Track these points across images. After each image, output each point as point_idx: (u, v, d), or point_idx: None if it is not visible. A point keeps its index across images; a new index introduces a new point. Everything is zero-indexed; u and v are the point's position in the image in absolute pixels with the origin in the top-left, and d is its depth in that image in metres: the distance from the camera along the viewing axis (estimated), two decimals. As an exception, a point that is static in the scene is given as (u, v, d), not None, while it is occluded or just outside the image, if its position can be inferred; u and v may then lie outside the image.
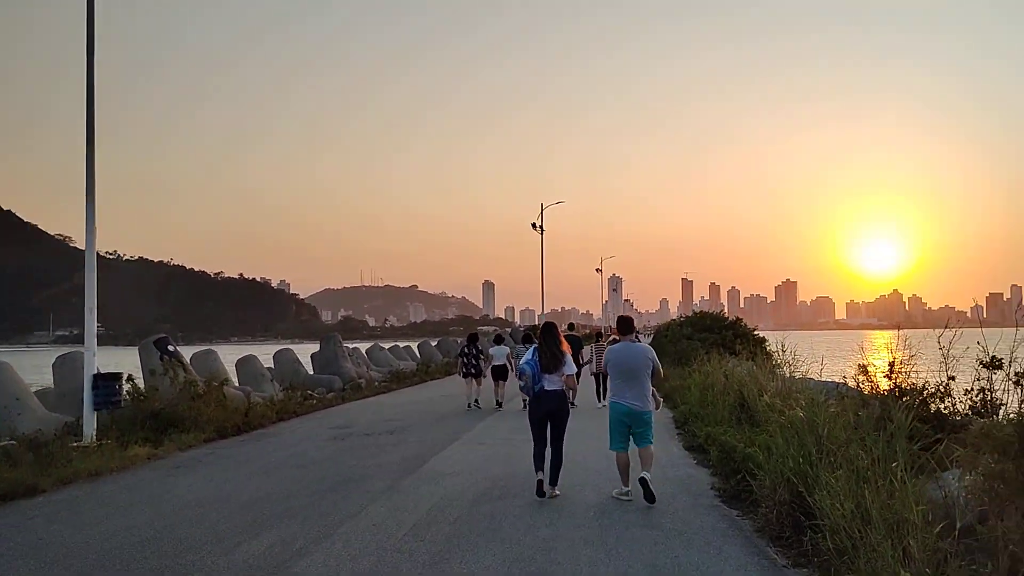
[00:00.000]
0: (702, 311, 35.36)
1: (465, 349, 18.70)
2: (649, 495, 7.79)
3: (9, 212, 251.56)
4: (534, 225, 59.35)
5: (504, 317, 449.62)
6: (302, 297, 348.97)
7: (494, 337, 22.65)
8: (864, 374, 10.02)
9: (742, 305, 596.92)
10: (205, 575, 5.86)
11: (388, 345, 40.85)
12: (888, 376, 9.61)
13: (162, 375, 14.88)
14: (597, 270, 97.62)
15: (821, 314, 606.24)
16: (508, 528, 7.01)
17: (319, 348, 28.81)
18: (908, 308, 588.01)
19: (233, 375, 21.51)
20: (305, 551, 6.38)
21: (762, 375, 13.54)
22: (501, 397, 18.11)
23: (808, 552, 5.87)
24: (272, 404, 17.29)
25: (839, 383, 13.30)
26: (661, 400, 8.96)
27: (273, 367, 25.35)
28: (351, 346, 33.15)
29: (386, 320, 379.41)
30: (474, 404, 17.87)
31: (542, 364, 8.36)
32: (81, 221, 12.58)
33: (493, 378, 18.23)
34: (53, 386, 15.45)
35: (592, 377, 18.00)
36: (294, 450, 12.12)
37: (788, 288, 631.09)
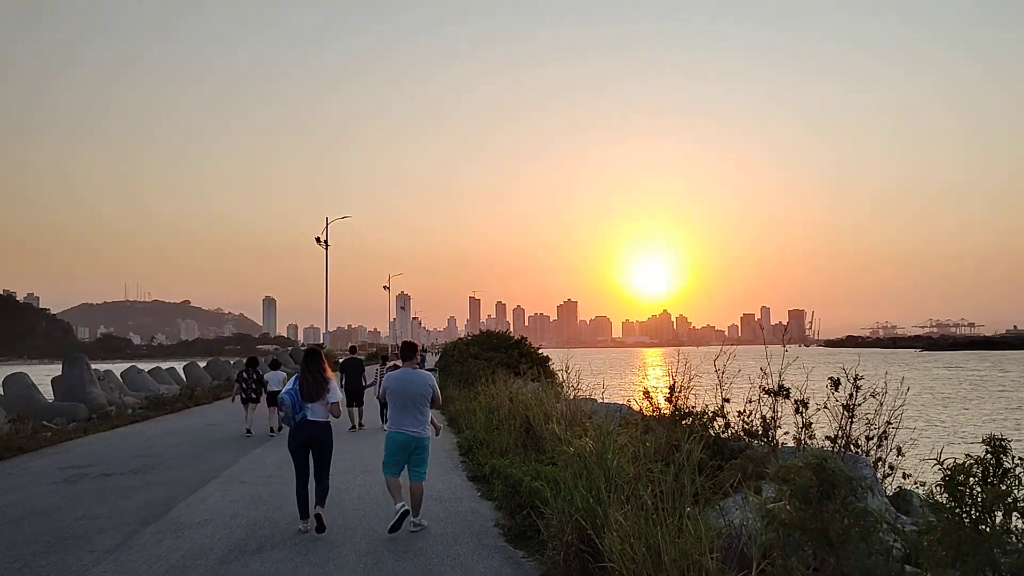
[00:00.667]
0: (489, 330, 35.45)
1: (243, 373, 17.94)
2: (398, 526, 7.51)
3: None
4: (319, 239, 57.15)
5: (286, 335, 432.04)
6: (54, 313, 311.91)
7: (270, 362, 21.11)
8: (647, 397, 10.00)
9: (527, 323, 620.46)
10: None
11: (150, 367, 36.97)
12: (669, 399, 9.64)
13: None
14: (385, 287, 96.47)
15: (600, 332, 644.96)
16: (260, 593, 5.90)
17: (61, 371, 25.21)
18: (676, 327, 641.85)
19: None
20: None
21: (547, 398, 13.32)
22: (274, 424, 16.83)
23: (598, 601, 5.37)
24: (-9, 439, 14.55)
25: (622, 405, 13.43)
26: (440, 427, 8.61)
27: (1, 394, 21.75)
28: (103, 368, 29.53)
29: (154, 338, 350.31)
30: (247, 432, 16.88)
31: (304, 392, 7.90)
32: None
33: (268, 404, 17.59)
34: None
35: (377, 400, 17.07)
36: (10, 498, 10.02)
37: (570, 307, 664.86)
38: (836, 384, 6.25)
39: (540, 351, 31.19)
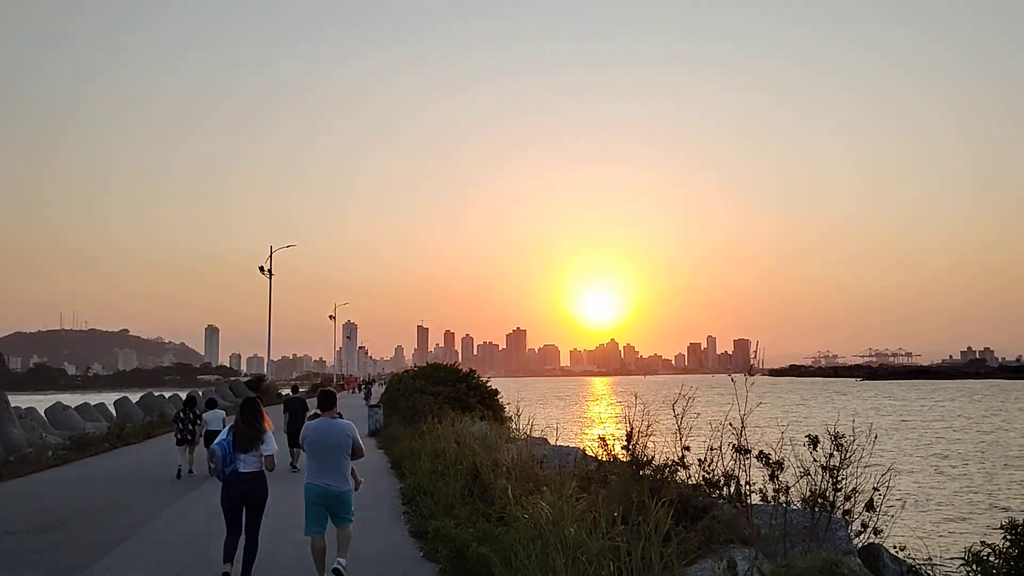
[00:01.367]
0: (436, 362, 34.64)
1: (181, 413, 17.51)
2: None
3: None
4: (262, 268, 55.77)
5: (229, 365, 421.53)
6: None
7: (207, 401, 19.99)
8: (603, 445, 9.42)
9: (475, 352, 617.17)
10: None
11: (82, 399, 34.98)
12: (626, 447, 9.07)
13: None
14: (331, 316, 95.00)
15: (548, 361, 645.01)
16: None
17: (-24, 409, 23.47)
18: (624, 356, 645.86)
19: None
20: None
21: (496, 440, 12.65)
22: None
23: None
24: None
25: (577, 448, 12.82)
26: (361, 481, 8.03)
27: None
28: (36, 399, 27.78)
29: (89, 368, 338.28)
30: (186, 473, 16.58)
31: (237, 443, 7.38)
32: None
33: (206, 444, 16.19)
34: None
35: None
36: None
37: (518, 336, 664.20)
38: (815, 442, 5.75)
39: (488, 383, 30.42)
